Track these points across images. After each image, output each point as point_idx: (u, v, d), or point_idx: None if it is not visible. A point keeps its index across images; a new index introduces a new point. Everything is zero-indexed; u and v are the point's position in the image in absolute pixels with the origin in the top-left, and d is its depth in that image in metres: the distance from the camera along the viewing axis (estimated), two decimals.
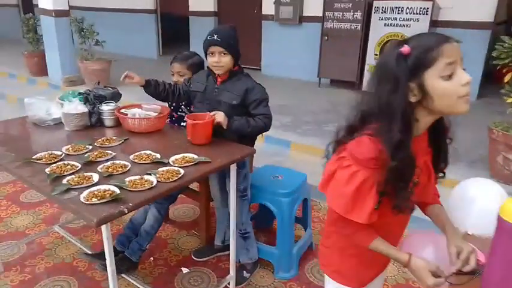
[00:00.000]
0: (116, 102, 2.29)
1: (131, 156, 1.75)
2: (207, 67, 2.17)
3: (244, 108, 2.07)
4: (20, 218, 2.90)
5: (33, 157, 1.70)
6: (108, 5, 9.37)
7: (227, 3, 8.03)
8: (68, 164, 1.62)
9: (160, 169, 1.62)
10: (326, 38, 6.27)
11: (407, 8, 5.45)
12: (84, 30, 5.67)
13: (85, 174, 1.54)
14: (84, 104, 2.18)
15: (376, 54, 5.83)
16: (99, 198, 1.35)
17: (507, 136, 2.91)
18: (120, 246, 2.27)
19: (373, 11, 5.74)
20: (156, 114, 2.14)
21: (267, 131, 2.08)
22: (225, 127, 1.97)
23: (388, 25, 5.63)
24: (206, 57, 2.11)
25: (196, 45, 8.36)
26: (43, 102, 2.19)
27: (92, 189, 1.42)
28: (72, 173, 1.56)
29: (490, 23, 5.47)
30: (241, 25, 8.05)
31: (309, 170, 2.65)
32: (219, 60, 2.02)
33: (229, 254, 2.23)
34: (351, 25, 6.00)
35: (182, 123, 2.44)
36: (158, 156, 1.76)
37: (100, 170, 1.60)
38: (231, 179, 1.96)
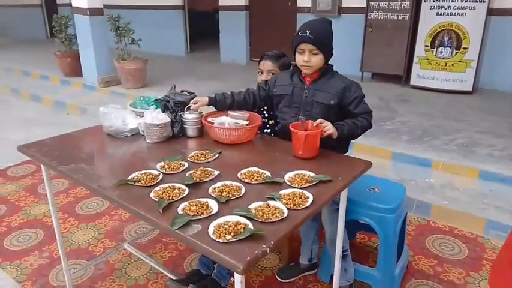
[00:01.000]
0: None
1: (239, 175, 1.51)
2: (293, 66, 1.94)
3: (339, 108, 1.85)
4: (81, 233, 2.71)
5: (129, 178, 1.47)
6: (135, 2, 9.18)
7: None
8: (175, 188, 1.39)
9: (282, 192, 1.37)
10: (370, 29, 5.93)
11: None
12: (120, 29, 5.47)
13: (200, 200, 1.30)
14: (164, 112, 1.95)
15: (426, 46, 5.48)
16: (233, 234, 1.11)
17: None
18: (206, 269, 2.04)
19: None
20: (247, 122, 1.89)
21: (371, 128, 1.90)
22: (335, 137, 1.72)
23: (440, 14, 5.27)
24: (294, 54, 1.87)
25: (227, 41, 8.11)
26: (119, 112, 1.97)
27: (218, 221, 1.18)
28: (181, 198, 1.33)
29: None
30: (274, 19, 7.82)
31: (376, 173, 2.39)
32: (308, 60, 1.80)
33: (316, 274, 2.01)
34: (398, 15, 5.65)
35: (265, 130, 2.20)
36: (268, 174, 1.52)
37: (213, 194, 1.36)
38: (342, 197, 1.71)
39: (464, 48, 5.22)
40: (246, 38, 7.94)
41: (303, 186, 1.42)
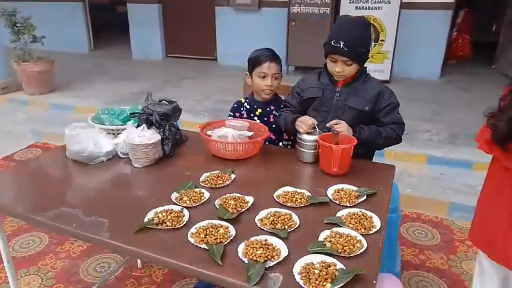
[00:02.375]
0: (177, 120, 1.76)
1: (276, 198, 1.29)
2: (325, 65, 1.75)
3: (371, 114, 1.72)
4: (23, 282, 2.17)
5: (147, 220, 1.15)
6: None
7: None
8: (217, 226, 1.12)
9: (339, 214, 1.20)
10: (293, 23, 5.99)
11: None
12: (18, 25, 4.58)
13: (259, 239, 1.06)
14: (149, 127, 1.61)
15: None
16: (330, 279, 0.92)
17: None
18: None
19: None
20: (252, 133, 1.66)
21: (399, 143, 1.74)
22: None
23: (359, 8, 5.53)
24: (326, 57, 1.70)
25: (138, 36, 7.47)
26: (89, 132, 1.57)
27: (299, 265, 0.97)
28: (231, 241, 1.07)
29: (451, 3, 5.69)
30: (191, 12, 7.41)
31: None
32: (341, 70, 1.63)
33: None
34: (319, 9, 5.79)
35: (282, 142, 1.99)
36: (307, 193, 1.33)
37: (264, 228, 1.12)
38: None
39: (382, 40, 5.59)
40: (160, 32, 7.41)
41: (355, 203, 1.28)
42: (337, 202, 1.29)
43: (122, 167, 1.56)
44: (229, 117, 2.02)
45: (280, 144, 1.97)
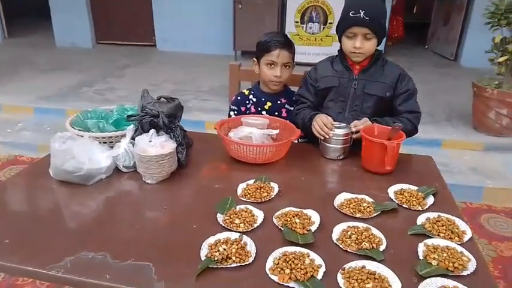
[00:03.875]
0: (179, 119, 1.48)
1: (339, 208, 1.11)
2: (339, 50, 1.57)
3: (391, 102, 1.58)
4: None
5: (207, 258, 0.90)
6: None
7: None
8: (301, 255, 0.90)
9: (419, 221, 1.06)
10: (240, 6, 5.71)
11: None
12: None
13: (361, 268, 0.87)
14: (158, 133, 1.31)
15: (296, 22, 5.62)
16: None
17: (502, 93, 3.14)
18: None
19: None
20: (277, 132, 1.44)
21: (416, 134, 1.59)
22: None
23: None
24: (340, 38, 1.51)
25: (62, 22, 6.62)
26: (82, 145, 1.22)
27: None
28: (324, 272, 0.87)
29: None
30: None
31: None
32: (361, 46, 1.46)
33: None
34: None
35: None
36: (368, 199, 1.16)
37: (353, 251, 0.94)
38: None
39: (330, 23, 5.57)
40: (88, 16, 6.65)
41: (426, 205, 1.14)
42: (406, 206, 1.14)
43: (129, 185, 1.25)
44: (234, 112, 1.78)
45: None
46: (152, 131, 1.29)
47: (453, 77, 5.26)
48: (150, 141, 1.25)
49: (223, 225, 1.03)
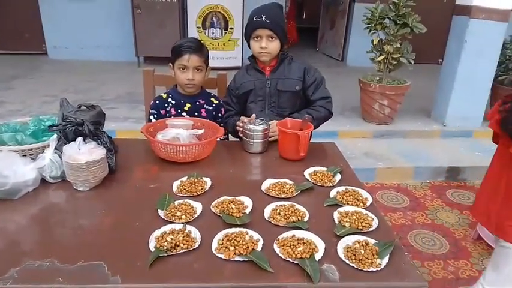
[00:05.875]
0: (102, 126, 1.50)
1: (269, 192, 1.26)
2: (249, 58, 1.76)
3: (303, 94, 1.82)
4: None
5: (157, 247, 0.98)
6: None
7: None
8: (241, 234, 1.03)
9: (332, 195, 1.27)
10: (139, 11, 5.61)
11: None
12: None
13: (292, 237, 1.04)
14: (84, 140, 1.32)
15: (198, 27, 5.73)
16: (375, 255, 0.98)
17: (382, 87, 3.67)
18: None
19: None
20: (203, 131, 1.55)
21: (331, 117, 1.87)
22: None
23: None
24: (248, 43, 1.70)
25: None
26: (3, 158, 1.17)
27: (340, 249, 1.01)
28: (263, 245, 1.02)
29: None
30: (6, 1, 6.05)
31: None
32: (266, 46, 1.68)
33: None
34: None
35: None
36: (289, 181, 1.35)
37: (283, 224, 1.10)
38: None
39: (231, 28, 5.81)
40: None
41: (335, 182, 1.37)
42: (320, 184, 1.35)
43: (59, 194, 1.24)
44: (154, 116, 1.84)
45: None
46: (79, 138, 1.29)
47: (342, 75, 5.90)
48: (79, 149, 1.26)
49: (165, 219, 1.11)
